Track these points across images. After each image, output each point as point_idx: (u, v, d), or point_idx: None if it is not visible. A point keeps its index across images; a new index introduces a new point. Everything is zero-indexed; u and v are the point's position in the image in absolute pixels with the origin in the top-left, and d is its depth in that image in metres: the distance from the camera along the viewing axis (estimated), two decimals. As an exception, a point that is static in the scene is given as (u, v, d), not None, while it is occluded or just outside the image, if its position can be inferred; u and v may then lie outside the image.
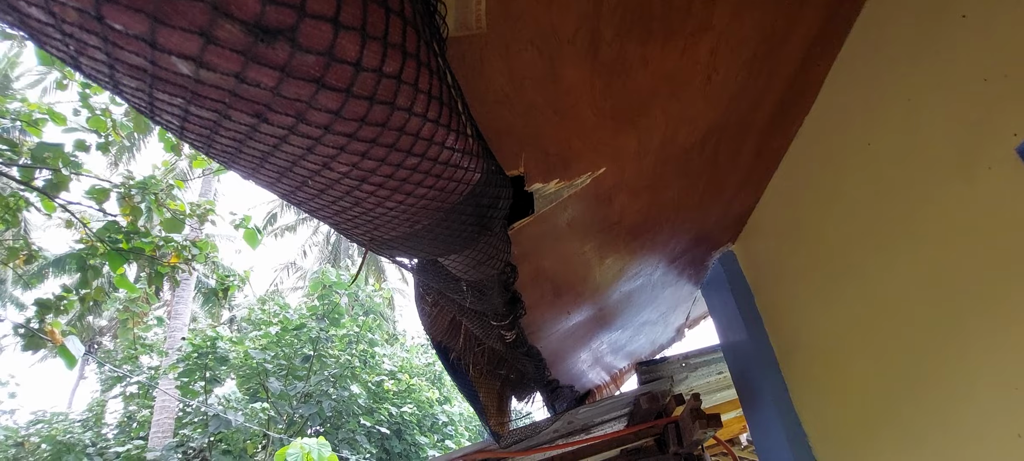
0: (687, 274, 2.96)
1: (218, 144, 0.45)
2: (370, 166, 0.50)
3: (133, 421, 12.83)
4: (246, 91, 0.38)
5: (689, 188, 1.81)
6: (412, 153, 0.51)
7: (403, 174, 0.54)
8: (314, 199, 0.57)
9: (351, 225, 0.68)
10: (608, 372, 3.93)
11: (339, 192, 0.55)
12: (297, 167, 0.48)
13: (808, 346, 2.22)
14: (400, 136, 0.49)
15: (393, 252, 0.82)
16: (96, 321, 19.46)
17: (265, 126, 0.41)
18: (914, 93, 1.34)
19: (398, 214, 0.64)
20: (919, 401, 1.56)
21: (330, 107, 0.42)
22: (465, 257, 0.92)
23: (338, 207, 0.60)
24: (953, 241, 1.33)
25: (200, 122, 0.41)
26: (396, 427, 13.58)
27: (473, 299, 1.21)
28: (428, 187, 0.60)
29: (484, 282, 1.14)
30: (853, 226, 1.74)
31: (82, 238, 3.73)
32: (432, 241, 0.77)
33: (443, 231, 0.74)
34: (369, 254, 3.07)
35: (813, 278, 2.08)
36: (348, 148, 0.47)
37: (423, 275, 1.05)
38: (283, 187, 0.55)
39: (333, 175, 0.50)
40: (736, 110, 1.50)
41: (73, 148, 3.42)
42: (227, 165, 0.52)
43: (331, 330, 12.22)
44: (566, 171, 1.28)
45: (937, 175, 1.32)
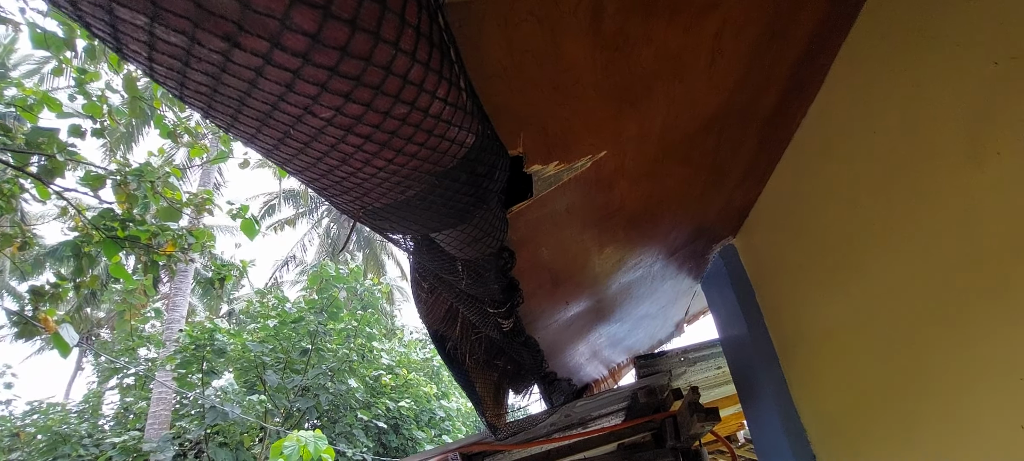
0: (687, 268, 2.93)
1: (190, 85, 0.42)
2: (355, 111, 0.47)
3: (130, 413, 12.82)
4: (213, 5, 0.35)
5: (690, 177, 1.78)
6: (400, 99, 0.48)
7: (391, 125, 0.51)
8: (298, 155, 0.54)
9: (339, 190, 0.65)
10: (606, 366, 3.91)
11: (323, 146, 0.52)
12: (277, 112, 0.45)
13: (808, 340, 2.20)
14: (387, 76, 0.45)
15: (385, 225, 0.79)
16: (94, 313, 19.44)
17: (237, 54, 0.38)
18: (921, 79, 1.31)
19: (387, 177, 0.61)
20: (920, 394, 1.54)
21: (306, 28, 0.39)
22: (460, 233, 0.89)
23: (324, 166, 0.56)
24: (959, 229, 1.30)
25: (168, 50, 0.38)
26: (393, 421, 13.59)
27: (469, 281, 1.19)
28: (418, 145, 0.56)
29: (481, 262, 1.11)
30: (856, 217, 1.72)
31: (77, 225, 3.70)
32: (425, 212, 0.74)
33: (436, 200, 0.71)
34: (358, 226, 3.02)
35: (815, 271, 2.05)
36: (329, 86, 0.43)
37: (418, 255, 1.03)
38: (265, 141, 0.52)
39: (316, 122, 0.47)
40: (740, 97, 1.47)
41: (68, 134, 3.38)
42: (206, 115, 0.49)
43: (329, 324, 12.20)
44: (566, 153, 1.25)
45: (944, 162, 1.29)
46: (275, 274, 21.68)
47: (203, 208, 4.40)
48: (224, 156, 4.06)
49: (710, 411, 2.78)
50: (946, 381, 1.42)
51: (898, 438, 1.67)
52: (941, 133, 1.28)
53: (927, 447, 1.54)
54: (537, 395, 3.46)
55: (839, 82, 1.64)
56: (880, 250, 1.63)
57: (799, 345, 2.29)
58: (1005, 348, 1.21)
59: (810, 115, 1.79)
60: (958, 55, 1.16)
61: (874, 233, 1.64)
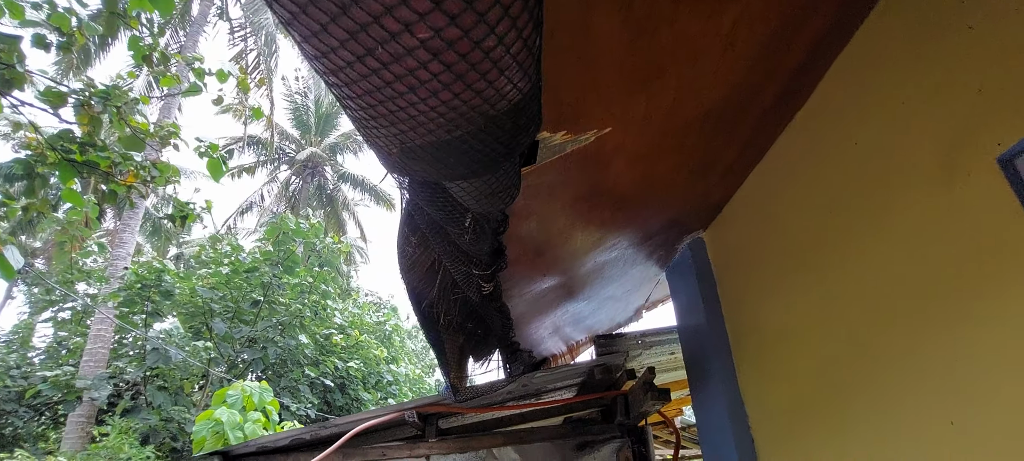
0: (656, 256, 3.04)
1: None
2: (452, 36, 0.48)
3: (63, 347, 12.24)
4: None
5: (681, 165, 1.86)
6: (495, 31, 0.50)
7: (476, 57, 0.52)
8: (371, 76, 0.55)
9: (390, 120, 0.65)
10: (566, 342, 4.03)
11: (403, 69, 0.52)
12: (377, 25, 0.46)
13: (762, 334, 2.34)
14: (494, 3, 0.47)
15: (415, 165, 0.80)
16: (29, 242, 18.29)
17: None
18: (909, 97, 1.41)
19: (447, 111, 0.62)
20: (859, 390, 1.68)
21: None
22: (483, 184, 0.92)
23: (391, 91, 0.57)
24: (920, 241, 1.42)
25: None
26: (341, 381, 13.53)
27: (471, 237, 1.22)
28: (489, 82, 0.58)
29: (489, 218, 1.14)
30: (824, 221, 1.83)
31: (30, 144, 3.47)
32: (461, 155, 0.76)
33: (477, 145, 0.73)
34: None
35: (776, 269, 2.18)
36: (443, 5, 0.44)
37: (422, 202, 1.04)
38: (342, 54, 0.52)
39: (410, 42, 0.48)
40: (740, 92, 1.54)
41: (32, 44, 3.13)
42: (294, 18, 0.48)
43: (284, 278, 11.94)
44: (575, 124, 1.29)
45: (917, 176, 1.40)
46: (229, 221, 20.92)
47: (168, 141, 4.20)
48: (198, 89, 3.86)
49: (662, 391, 2.92)
50: (886, 380, 1.56)
51: (834, 428, 1.82)
52: (918, 151, 1.39)
53: (860, 437, 1.69)
54: (496, 364, 3.54)
55: (829, 92, 1.73)
56: (843, 255, 1.75)
57: (752, 338, 2.43)
58: (946, 351, 1.34)
59: (796, 120, 1.89)
60: (947, 80, 1.25)
61: (838, 237, 1.76)
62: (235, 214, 20.96)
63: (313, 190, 21.98)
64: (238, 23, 14.78)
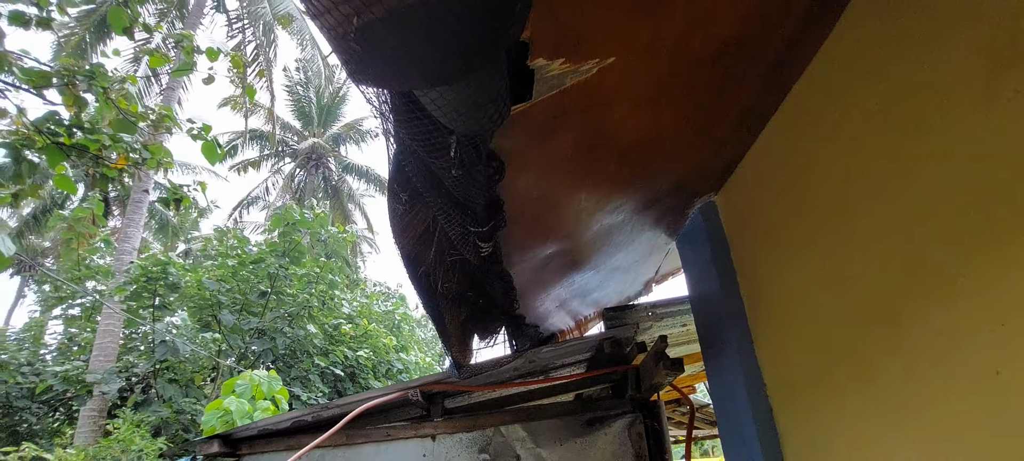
0: (665, 222, 2.91)
1: None
2: None
3: (74, 344, 12.33)
4: None
5: (688, 115, 1.72)
6: None
7: None
8: None
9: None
10: (574, 318, 3.92)
11: None
12: None
13: (778, 299, 2.22)
14: None
15: (376, 56, 0.68)
16: (39, 241, 18.43)
17: None
18: (943, 20, 1.26)
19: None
20: (888, 350, 1.54)
21: None
22: (461, 92, 0.79)
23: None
24: (957, 182, 1.28)
25: None
26: (351, 370, 13.55)
27: (459, 172, 1.09)
28: None
29: (476, 141, 1.02)
30: (846, 172, 1.69)
31: (17, 127, 3.38)
32: (426, 36, 0.64)
33: (442, 18, 0.61)
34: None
35: (795, 229, 2.04)
36: None
37: (404, 122, 0.92)
38: None
39: None
40: (754, 25, 1.40)
41: (8, 22, 3.02)
42: None
43: (291, 268, 11.92)
44: (575, 52, 1.16)
45: (952, 104, 1.26)
46: (234, 215, 20.98)
47: (161, 125, 4.10)
48: (188, 67, 3.74)
49: (675, 362, 2.81)
50: (920, 336, 1.42)
51: (860, 395, 1.69)
52: (954, 75, 1.24)
53: (889, 400, 1.56)
54: (502, 341, 3.44)
55: (851, 27, 1.58)
56: (869, 203, 1.61)
57: (769, 305, 2.31)
58: (991, 298, 1.21)
59: (815, 64, 1.74)
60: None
61: (863, 190, 1.62)
62: (240, 208, 21.00)
63: (318, 182, 21.95)
64: (235, 14, 14.63)
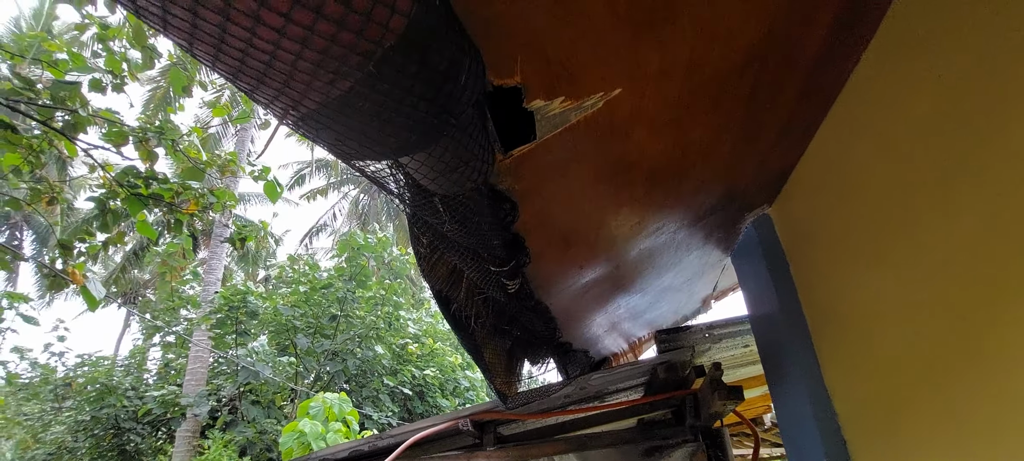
0: (716, 238, 2.74)
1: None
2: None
3: (171, 368, 13.44)
4: None
5: (720, 129, 1.59)
6: None
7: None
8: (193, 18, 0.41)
9: (258, 80, 0.52)
10: (626, 340, 3.77)
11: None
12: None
13: (845, 316, 2.01)
14: None
15: (330, 137, 0.66)
16: (139, 274, 20.36)
17: None
18: (1002, 6, 1.09)
19: (310, 58, 0.48)
20: (975, 372, 1.35)
21: None
22: (429, 159, 0.76)
23: (228, 36, 0.44)
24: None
25: None
26: (419, 389, 13.84)
27: (454, 225, 1.06)
28: (341, 4, 0.42)
29: (466, 203, 0.98)
30: (912, 175, 1.50)
31: (104, 183, 3.75)
32: (372, 121, 0.61)
33: (382, 102, 0.58)
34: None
35: (858, 241, 1.85)
36: None
37: (382, 184, 0.90)
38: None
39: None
40: (782, 30, 1.27)
41: (89, 88, 3.39)
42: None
43: (358, 291, 12.40)
44: (573, 87, 1.10)
45: None
46: (304, 241, 22.19)
47: (227, 169, 4.41)
48: (246, 116, 4.03)
49: (733, 389, 2.61)
50: (1010, 355, 1.22)
51: (943, 420, 1.49)
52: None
53: (978, 429, 1.36)
54: (552, 368, 3.36)
55: (901, 20, 1.41)
56: (939, 211, 1.42)
57: (834, 322, 2.11)
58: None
59: (865, 59, 1.57)
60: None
61: (933, 192, 1.44)
62: (310, 235, 22.19)
63: (381, 205, 22.80)
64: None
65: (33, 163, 3.64)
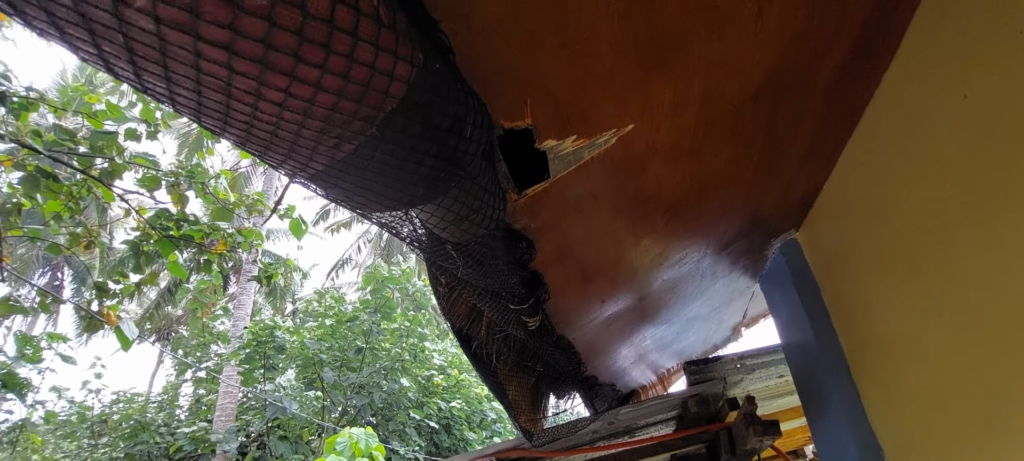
0: (742, 265, 2.67)
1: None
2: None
3: (202, 404, 13.62)
4: None
5: (740, 158, 1.56)
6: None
7: (284, 42, 0.37)
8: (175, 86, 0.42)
9: (266, 146, 0.53)
10: (654, 371, 3.66)
11: (181, 61, 0.38)
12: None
13: (883, 344, 1.92)
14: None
15: (341, 193, 0.67)
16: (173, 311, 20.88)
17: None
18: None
19: (299, 122, 0.48)
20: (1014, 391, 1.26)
21: None
22: (438, 209, 0.75)
23: (212, 104, 0.44)
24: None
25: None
26: (445, 421, 13.67)
27: (469, 270, 1.05)
28: (315, 66, 0.43)
29: (479, 247, 0.97)
30: (943, 198, 1.45)
31: (138, 226, 3.90)
32: (379, 178, 0.61)
33: (387, 162, 0.58)
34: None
35: (891, 265, 1.78)
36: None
37: (395, 232, 0.90)
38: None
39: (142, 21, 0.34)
40: (798, 58, 1.25)
41: (124, 137, 3.56)
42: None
43: (383, 323, 12.44)
44: (585, 126, 1.09)
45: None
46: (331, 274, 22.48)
47: (255, 209, 4.53)
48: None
49: (769, 424, 2.50)
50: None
51: (995, 456, 1.39)
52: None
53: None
54: (578, 402, 3.28)
55: (922, 38, 1.38)
56: (972, 234, 1.36)
57: (873, 351, 2.02)
58: None
59: (886, 81, 1.53)
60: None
61: (965, 215, 1.38)
62: (336, 268, 22.49)
63: (405, 237, 22.98)
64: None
65: (73, 209, 3.80)
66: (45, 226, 4.15)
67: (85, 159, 3.48)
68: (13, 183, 3.84)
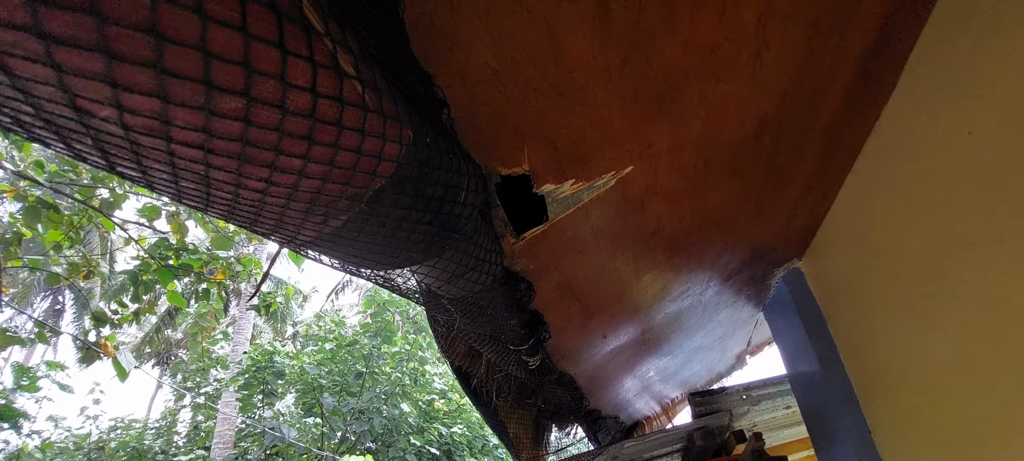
0: (746, 294, 2.63)
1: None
2: (182, 97, 0.32)
3: (200, 431, 13.43)
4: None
5: (742, 193, 1.55)
6: (220, 87, 0.33)
7: (227, 129, 0.36)
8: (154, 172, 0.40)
9: (252, 221, 0.51)
10: (658, 402, 3.60)
11: (153, 147, 0.36)
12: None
13: (894, 378, 1.88)
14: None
15: (334, 258, 0.65)
16: (173, 335, 20.75)
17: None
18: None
19: (282, 201, 0.46)
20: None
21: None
22: (433, 269, 0.74)
23: (189, 182, 0.42)
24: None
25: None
26: (446, 448, 13.45)
27: (466, 320, 1.03)
28: (297, 156, 0.41)
29: (472, 299, 0.95)
30: (946, 232, 1.43)
31: (137, 255, 3.89)
32: (370, 246, 0.60)
33: (379, 232, 0.56)
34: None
35: (898, 297, 1.75)
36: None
37: (390, 287, 0.88)
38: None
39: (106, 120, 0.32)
40: (797, 96, 1.24)
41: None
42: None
43: (383, 347, 12.34)
44: (583, 169, 1.07)
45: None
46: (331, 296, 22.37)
47: (254, 236, 4.52)
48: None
49: (777, 459, 2.44)
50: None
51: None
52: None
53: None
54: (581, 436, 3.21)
55: (919, 76, 1.37)
56: (980, 272, 1.34)
57: (883, 384, 1.97)
58: None
59: (885, 116, 1.52)
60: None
61: (969, 250, 1.36)
62: (335, 291, 22.39)
63: (407, 259, 22.91)
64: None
65: (73, 239, 3.79)
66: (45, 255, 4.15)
67: (86, 190, 3.49)
68: (14, 213, 3.84)
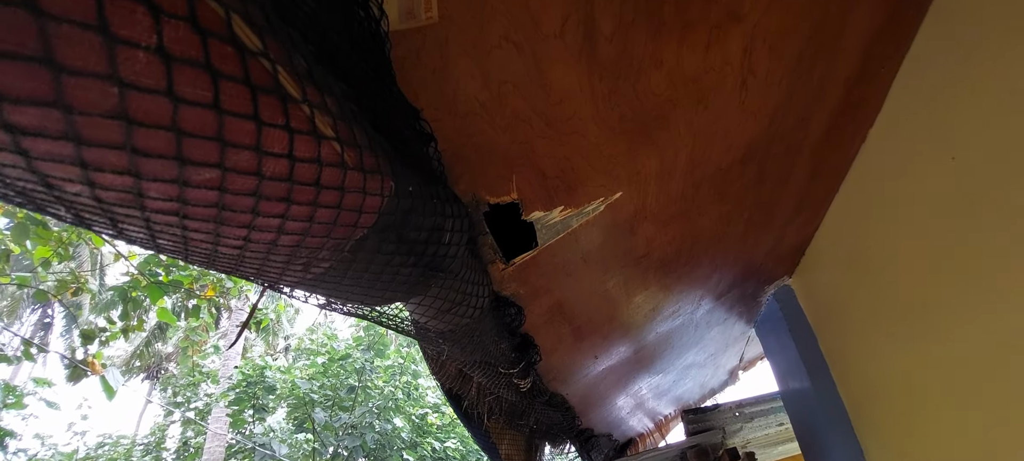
0: (737, 311, 2.64)
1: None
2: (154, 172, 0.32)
3: (189, 447, 13.22)
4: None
5: (731, 215, 1.56)
6: (206, 163, 0.33)
7: (202, 196, 0.36)
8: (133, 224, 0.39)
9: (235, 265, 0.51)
10: (652, 419, 3.59)
11: (122, 191, 0.35)
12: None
13: (886, 397, 1.89)
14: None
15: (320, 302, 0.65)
16: (163, 348, 20.50)
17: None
18: (1016, 81, 1.06)
19: (261, 253, 0.46)
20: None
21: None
22: (418, 306, 0.74)
23: (167, 239, 0.42)
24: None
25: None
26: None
27: (455, 350, 1.02)
28: (276, 216, 0.41)
29: (461, 331, 0.95)
30: (934, 252, 1.44)
31: (127, 271, 3.86)
32: (354, 288, 0.59)
33: (361, 277, 0.56)
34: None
35: (889, 316, 1.76)
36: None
37: (379, 322, 0.88)
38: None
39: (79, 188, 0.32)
40: (783, 122, 1.26)
41: None
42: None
43: (376, 361, 12.24)
44: (572, 196, 1.08)
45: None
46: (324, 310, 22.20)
47: (246, 251, 4.48)
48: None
49: (770, 478, 2.43)
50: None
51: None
52: None
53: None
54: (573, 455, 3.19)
55: (904, 99, 1.39)
56: (968, 290, 1.35)
57: (874, 402, 1.98)
58: None
59: (871, 138, 1.54)
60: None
61: (958, 270, 1.37)
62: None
63: (401, 271, 22.80)
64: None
65: (62, 255, 3.76)
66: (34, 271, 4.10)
67: (75, 206, 3.45)
68: (3, 229, 3.80)
